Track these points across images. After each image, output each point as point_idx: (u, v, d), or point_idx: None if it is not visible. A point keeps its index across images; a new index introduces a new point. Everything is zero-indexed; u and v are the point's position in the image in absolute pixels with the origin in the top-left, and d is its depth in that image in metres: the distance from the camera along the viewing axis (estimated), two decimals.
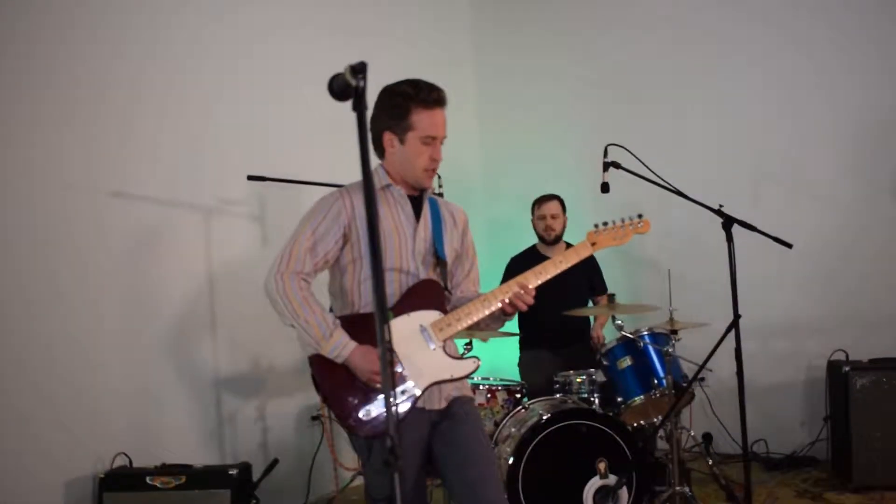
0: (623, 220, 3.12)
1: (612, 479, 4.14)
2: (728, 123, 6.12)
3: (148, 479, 4.07)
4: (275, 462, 4.44)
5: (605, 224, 3.11)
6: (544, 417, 4.23)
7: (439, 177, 5.00)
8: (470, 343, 4.64)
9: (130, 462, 4.26)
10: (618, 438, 4.21)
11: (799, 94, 5.88)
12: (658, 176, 4.27)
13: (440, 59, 6.79)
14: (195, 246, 4.82)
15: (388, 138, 2.95)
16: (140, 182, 4.51)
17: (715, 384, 5.63)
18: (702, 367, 4.15)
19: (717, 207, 4.15)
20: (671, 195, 4.32)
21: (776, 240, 4.11)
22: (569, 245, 5.65)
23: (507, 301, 2.93)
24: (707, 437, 5.58)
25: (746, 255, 4.69)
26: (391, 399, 1.63)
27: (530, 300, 2.93)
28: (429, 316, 2.90)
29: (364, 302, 2.94)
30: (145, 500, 4.03)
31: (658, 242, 6.20)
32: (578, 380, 4.72)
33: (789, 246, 4.10)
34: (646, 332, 4.68)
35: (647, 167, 4.27)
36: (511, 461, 4.13)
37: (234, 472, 4.11)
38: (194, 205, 4.78)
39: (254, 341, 5.03)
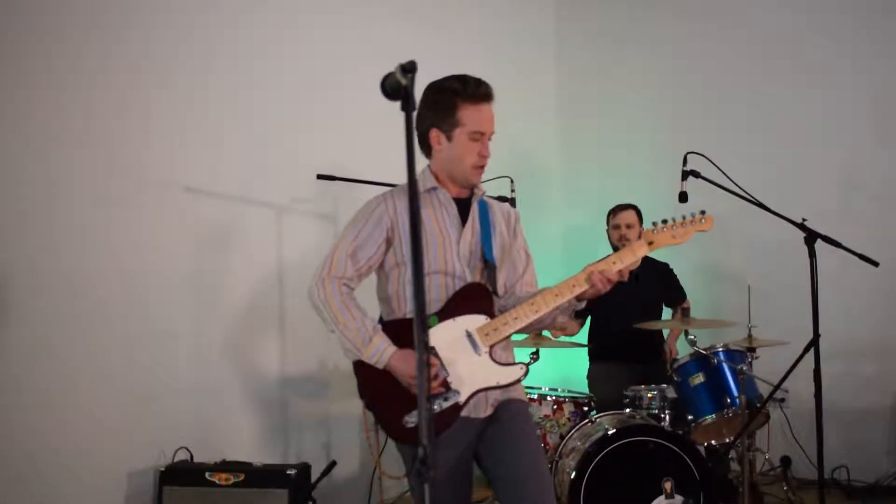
0: (684, 217, 2.98)
1: (678, 500, 4.07)
2: (816, 132, 5.96)
3: (207, 475, 4.14)
4: (333, 464, 4.47)
5: (665, 221, 2.95)
6: (610, 432, 4.18)
7: (511, 181, 4.98)
8: (536, 353, 4.62)
9: (192, 456, 4.34)
10: (686, 457, 4.13)
11: (892, 100, 5.70)
12: (738, 186, 4.19)
13: (521, 62, 6.79)
14: (265, 244, 4.89)
15: (435, 135, 2.93)
16: (211, 179, 4.60)
17: (795, 406, 5.47)
18: (776, 387, 4.06)
19: (799, 221, 4.06)
20: (754, 206, 4.23)
21: (862, 257, 4.00)
22: (646, 259, 5.56)
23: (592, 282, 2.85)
24: (785, 461, 5.46)
25: (833, 271, 4.59)
26: (425, 407, 1.63)
27: (625, 276, 2.88)
28: (475, 321, 2.84)
29: (409, 307, 2.91)
30: (203, 496, 4.10)
31: (739, 256, 6.07)
32: (649, 395, 4.65)
33: (875, 264, 3.98)
34: (720, 349, 4.59)
35: (727, 177, 4.19)
36: (574, 475, 4.09)
37: (292, 472, 4.15)
38: (265, 202, 4.85)
39: (321, 341, 5.05)
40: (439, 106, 2.89)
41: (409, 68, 1.75)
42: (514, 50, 6.76)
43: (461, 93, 2.87)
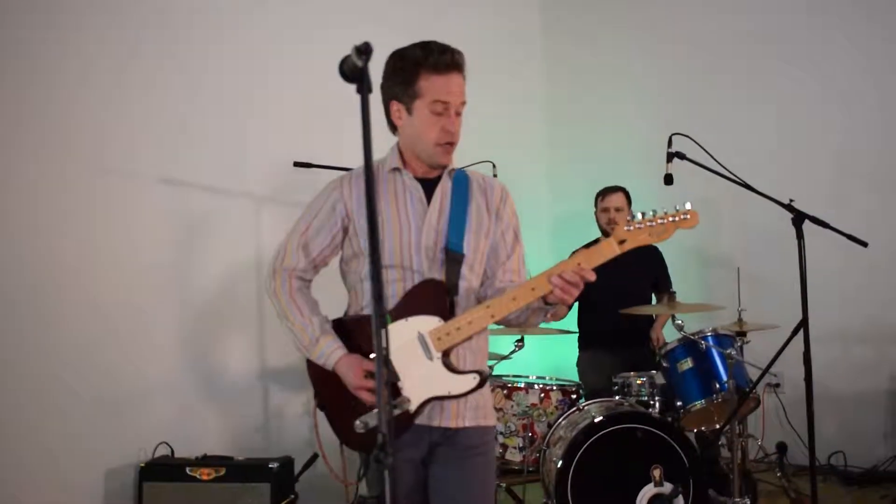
0: (665, 212, 2.58)
1: (667, 487, 4.07)
2: (807, 114, 5.96)
3: (188, 470, 4.16)
4: (315, 457, 4.48)
5: (644, 215, 2.57)
6: (597, 419, 4.19)
7: (494, 166, 4.98)
8: (521, 340, 4.62)
9: (172, 452, 4.36)
10: (674, 444, 4.14)
11: (887, 82, 5.70)
12: (724, 168, 4.19)
13: (505, 44, 6.78)
14: (243, 234, 4.90)
15: (396, 108, 2.69)
16: (186, 170, 4.61)
17: (790, 392, 5.50)
18: (765, 371, 4.07)
19: (786, 202, 4.06)
20: (742, 189, 4.23)
21: (850, 237, 4.00)
22: None
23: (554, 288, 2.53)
24: (781, 448, 5.49)
25: (825, 254, 4.59)
26: (384, 396, 1.63)
27: (590, 277, 2.55)
28: (428, 322, 2.61)
29: (365, 302, 2.73)
30: (184, 491, 4.12)
31: (728, 239, 6.09)
32: (638, 381, 4.66)
33: (864, 244, 3.98)
34: (709, 334, 4.59)
35: (714, 158, 4.19)
36: (561, 464, 4.10)
37: (274, 465, 4.17)
38: (242, 192, 4.85)
39: None
40: (399, 75, 2.65)
41: (364, 50, 1.75)
42: (498, 31, 6.74)
43: (422, 61, 2.62)
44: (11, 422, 3.87)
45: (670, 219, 2.57)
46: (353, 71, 1.80)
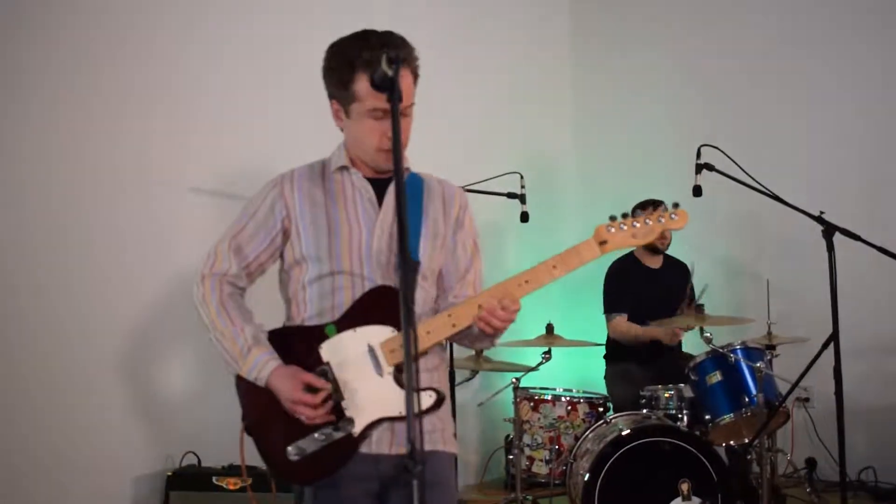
0: (653, 210, 2.42)
1: (695, 502, 4.06)
2: (839, 126, 5.92)
3: (214, 480, 4.17)
4: None
5: (626, 216, 2.36)
6: (625, 433, 4.19)
7: (521, 177, 4.98)
8: (548, 352, 4.62)
9: (199, 461, 4.38)
10: (703, 458, 4.13)
11: None
12: (754, 179, 4.19)
13: (535, 56, 6.80)
14: None
15: (335, 108, 2.45)
16: (213, 177, 4.64)
17: (820, 406, 5.46)
18: (795, 385, 4.06)
19: (816, 214, 4.06)
20: (773, 201, 4.23)
21: (882, 250, 4.00)
22: (666, 255, 5.56)
23: (479, 317, 2.31)
24: (810, 463, 5.44)
25: (857, 267, 4.58)
26: (413, 396, 1.61)
27: (509, 317, 2.31)
28: (379, 333, 2.34)
29: (309, 312, 2.43)
30: (211, 501, 4.13)
31: (757, 251, 6.06)
32: (666, 395, 4.66)
33: None
34: (738, 347, 4.58)
35: (743, 170, 4.19)
36: (588, 478, 4.10)
37: None
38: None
39: None
40: (334, 74, 2.39)
41: (395, 59, 1.78)
42: (527, 43, 6.76)
43: (356, 59, 2.32)
44: (39, 430, 3.91)
45: (657, 218, 2.34)
46: (384, 80, 1.83)
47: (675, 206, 2.35)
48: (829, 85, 5.95)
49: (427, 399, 2.36)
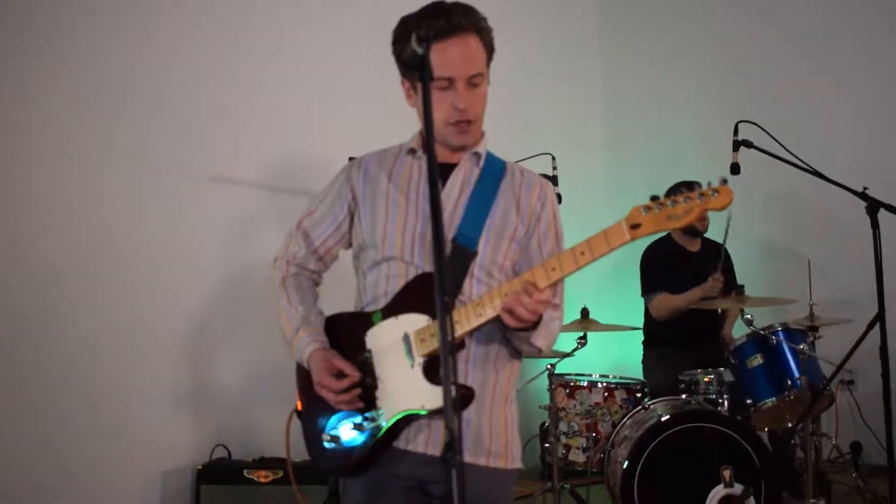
0: (691, 190, 2.12)
1: (737, 489, 4.03)
2: (881, 99, 5.83)
3: (245, 473, 4.20)
4: None
5: (669, 195, 2.13)
6: (664, 418, 4.17)
7: (553, 158, 4.94)
8: (584, 337, 4.59)
9: (229, 454, 4.41)
10: (745, 444, 4.09)
11: None
12: (794, 156, 4.13)
13: (563, 33, 6.77)
14: None
15: (406, 88, 2.41)
16: (240, 168, 4.65)
17: (865, 389, 5.40)
18: (840, 367, 4.01)
19: (860, 190, 4.00)
20: (815, 178, 4.17)
21: None
22: (707, 241, 5.50)
23: (504, 307, 2.18)
24: (855, 447, 5.39)
25: None
26: (450, 381, 1.57)
27: (535, 306, 2.15)
28: (416, 321, 2.27)
29: (367, 299, 2.42)
30: (242, 494, 4.16)
31: (798, 229, 5.99)
32: (706, 379, 4.61)
33: None
34: (779, 328, 4.53)
35: (782, 146, 4.14)
36: (626, 465, 4.08)
37: None
38: (296, 190, 4.88)
39: None
40: (399, 48, 2.35)
41: (425, 38, 1.76)
42: (555, 21, 6.72)
43: (416, 28, 2.26)
44: (68, 425, 3.95)
45: (697, 198, 2.08)
46: (413, 59, 1.80)
47: (724, 181, 2.09)
48: (871, 57, 5.86)
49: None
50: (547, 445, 4.79)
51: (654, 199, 2.11)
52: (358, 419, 2.29)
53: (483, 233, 2.36)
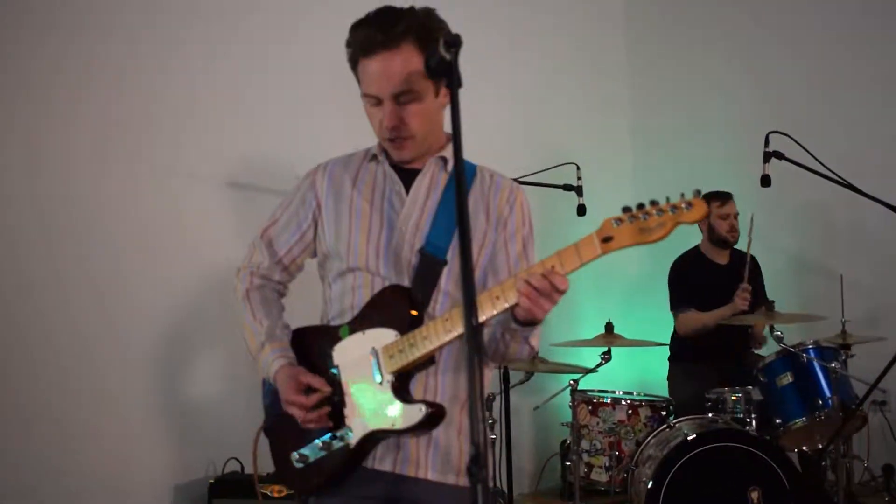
0: (662, 203, 2.02)
1: None
2: None
3: (258, 487, 4.19)
4: None
5: (641, 207, 2.04)
6: (690, 437, 4.14)
7: (577, 167, 4.93)
8: (608, 353, 4.57)
9: (242, 468, 4.40)
10: (774, 465, 4.06)
11: None
12: (827, 168, 4.11)
13: (589, 42, 6.77)
14: None
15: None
16: (243, 171, 4.66)
17: None
18: (873, 386, 3.98)
19: (894, 204, 3.98)
20: (848, 191, 4.15)
21: None
22: (736, 253, 5.47)
23: (521, 291, 2.07)
24: (887, 470, 5.34)
25: None
26: (478, 407, 1.57)
27: (552, 293, 2.06)
28: (383, 336, 2.23)
29: (333, 312, 2.40)
30: None
31: (830, 244, 5.96)
32: (733, 397, 4.58)
33: None
34: (810, 346, 4.50)
35: (815, 158, 4.11)
36: (651, 485, 4.06)
37: None
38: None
39: None
40: (350, 61, 2.32)
41: (453, 43, 1.75)
42: (582, 31, 6.73)
43: (352, 42, 2.27)
44: (79, 437, 3.95)
45: (669, 210, 2.00)
46: (441, 65, 1.79)
47: (697, 193, 1.99)
48: None
49: (417, 413, 2.18)
50: (568, 464, 4.77)
51: (625, 210, 2.03)
52: (326, 437, 2.27)
53: (452, 239, 2.30)
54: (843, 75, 6.03)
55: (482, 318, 2.12)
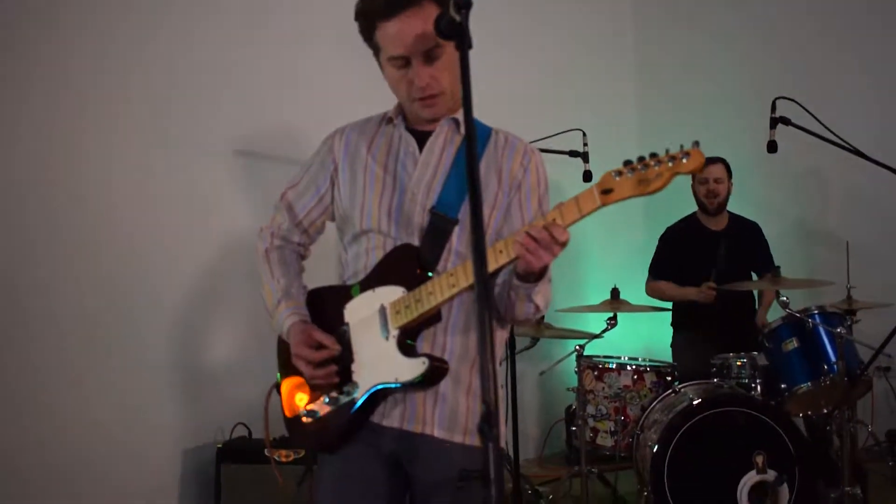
0: (660, 155, 2.06)
1: (770, 475, 4.03)
2: None
3: (266, 452, 4.23)
4: None
5: (642, 159, 2.07)
6: (695, 402, 4.18)
7: (584, 134, 4.94)
8: (614, 318, 4.60)
9: (250, 433, 4.44)
10: (779, 430, 4.10)
11: None
12: (834, 134, 4.11)
13: (598, 12, 6.76)
14: None
15: (378, 64, 2.41)
16: (264, 141, 4.68)
17: None
18: (878, 352, 4.00)
19: None
20: (854, 157, 4.15)
21: None
22: (733, 215, 5.50)
23: (521, 242, 2.09)
24: (892, 436, 5.39)
25: None
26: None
27: (551, 244, 2.08)
28: (391, 293, 2.29)
29: (348, 273, 2.45)
30: (263, 473, 4.18)
31: (836, 210, 5.97)
32: (738, 363, 4.61)
33: None
34: (816, 312, 4.51)
35: (822, 124, 4.12)
36: (656, 449, 4.10)
37: None
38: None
39: None
40: (361, 28, 2.35)
41: (464, 4, 1.76)
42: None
43: (370, 6, 2.30)
44: (87, 403, 3.98)
45: (667, 162, 2.03)
46: (451, 26, 1.80)
47: (696, 144, 2.04)
48: None
49: (419, 366, 2.23)
50: (574, 429, 4.82)
51: (626, 163, 2.07)
52: (334, 394, 2.33)
53: (464, 201, 2.30)
54: (853, 40, 6.03)
55: (448, 293, 2.19)
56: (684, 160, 2.01)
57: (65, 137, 3.97)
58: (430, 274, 2.27)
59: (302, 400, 2.39)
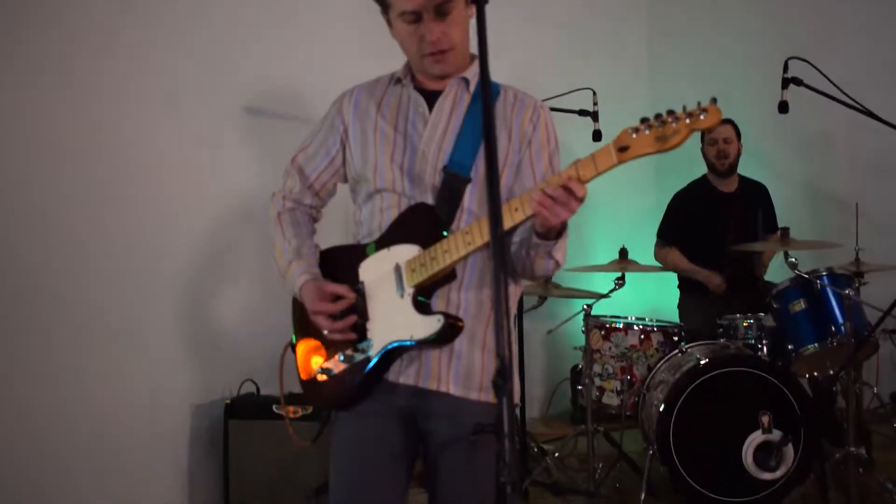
0: (676, 112, 2.06)
1: (776, 435, 4.07)
2: None
3: (274, 408, 4.26)
4: None
5: (659, 116, 2.07)
6: (702, 362, 4.20)
7: (594, 93, 4.93)
8: (622, 278, 4.61)
9: (258, 389, 4.47)
10: (785, 390, 4.13)
11: None
12: (847, 95, 4.10)
13: None
14: None
15: (385, 20, 2.41)
16: (271, 102, 4.67)
17: None
18: (886, 313, 4.02)
19: None
20: (864, 119, 4.14)
21: None
22: (743, 178, 5.49)
23: (538, 201, 2.10)
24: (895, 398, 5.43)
25: None
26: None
27: (569, 201, 2.09)
28: (407, 251, 2.31)
29: (362, 233, 2.46)
30: (270, 429, 4.21)
31: (846, 172, 5.96)
32: (745, 324, 4.64)
33: None
34: (824, 273, 4.51)
35: (834, 84, 4.10)
36: (662, 408, 4.14)
37: None
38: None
39: None
40: None
41: None
42: None
43: None
44: (95, 359, 4.00)
45: (684, 118, 2.03)
46: None
47: (714, 100, 2.05)
48: None
49: (435, 323, 2.25)
50: (580, 388, 4.84)
51: (643, 120, 2.07)
52: (349, 351, 2.35)
53: (476, 158, 2.35)
54: (866, 2, 6.00)
55: (463, 251, 2.21)
56: (702, 116, 2.02)
57: (75, 96, 3.96)
58: (444, 233, 2.28)
59: (317, 362, 2.43)
